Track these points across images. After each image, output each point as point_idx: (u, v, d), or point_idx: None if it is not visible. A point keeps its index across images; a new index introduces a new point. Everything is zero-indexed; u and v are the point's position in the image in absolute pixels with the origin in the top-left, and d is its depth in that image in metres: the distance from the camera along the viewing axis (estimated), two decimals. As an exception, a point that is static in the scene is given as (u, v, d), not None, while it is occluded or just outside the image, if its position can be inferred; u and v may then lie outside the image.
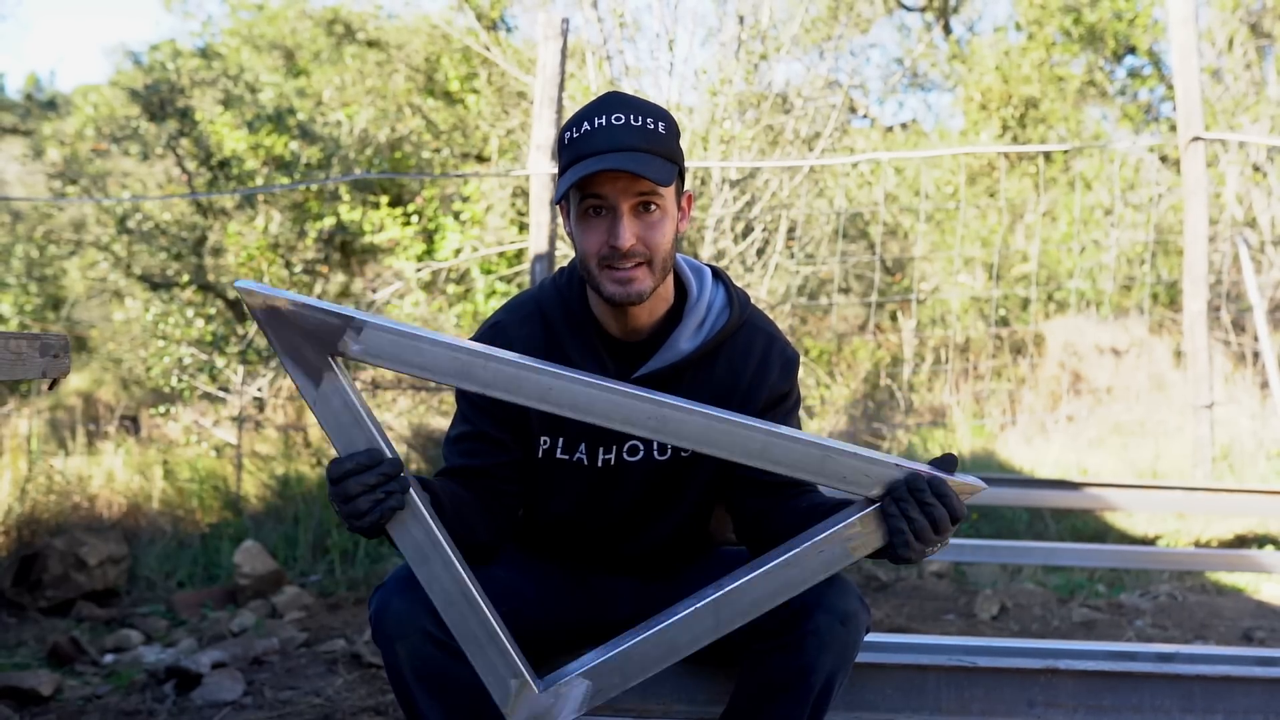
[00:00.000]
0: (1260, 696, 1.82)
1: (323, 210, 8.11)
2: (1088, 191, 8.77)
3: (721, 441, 1.28)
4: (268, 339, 1.23)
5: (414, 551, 1.28)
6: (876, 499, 1.30)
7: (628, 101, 1.49)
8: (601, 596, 1.69)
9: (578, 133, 1.47)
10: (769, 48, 6.55)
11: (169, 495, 5.18)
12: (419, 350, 1.23)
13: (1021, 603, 3.63)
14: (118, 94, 9.87)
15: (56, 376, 1.57)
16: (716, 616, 1.32)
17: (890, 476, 1.29)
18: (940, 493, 1.28)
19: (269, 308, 1.21)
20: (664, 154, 1.47)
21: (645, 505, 1.64)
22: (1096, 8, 10.00)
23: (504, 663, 1.32)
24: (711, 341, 1.58)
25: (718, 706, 1.65)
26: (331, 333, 1.22)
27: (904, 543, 1.29)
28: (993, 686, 1.82)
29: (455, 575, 1.29)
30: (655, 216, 1.48)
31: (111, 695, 2.78)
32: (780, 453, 1.28)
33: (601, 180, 1.45)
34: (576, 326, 1.60)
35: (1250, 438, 5.33)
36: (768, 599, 1.32)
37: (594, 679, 1.34)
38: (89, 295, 10.44)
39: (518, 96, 7.91)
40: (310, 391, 1.23)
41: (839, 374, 7.35)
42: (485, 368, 1.25)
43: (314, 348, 1.22)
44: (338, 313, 1.22)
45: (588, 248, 1.49)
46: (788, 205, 6.62)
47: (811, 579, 1.32)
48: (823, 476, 1.29)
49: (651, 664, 1.34)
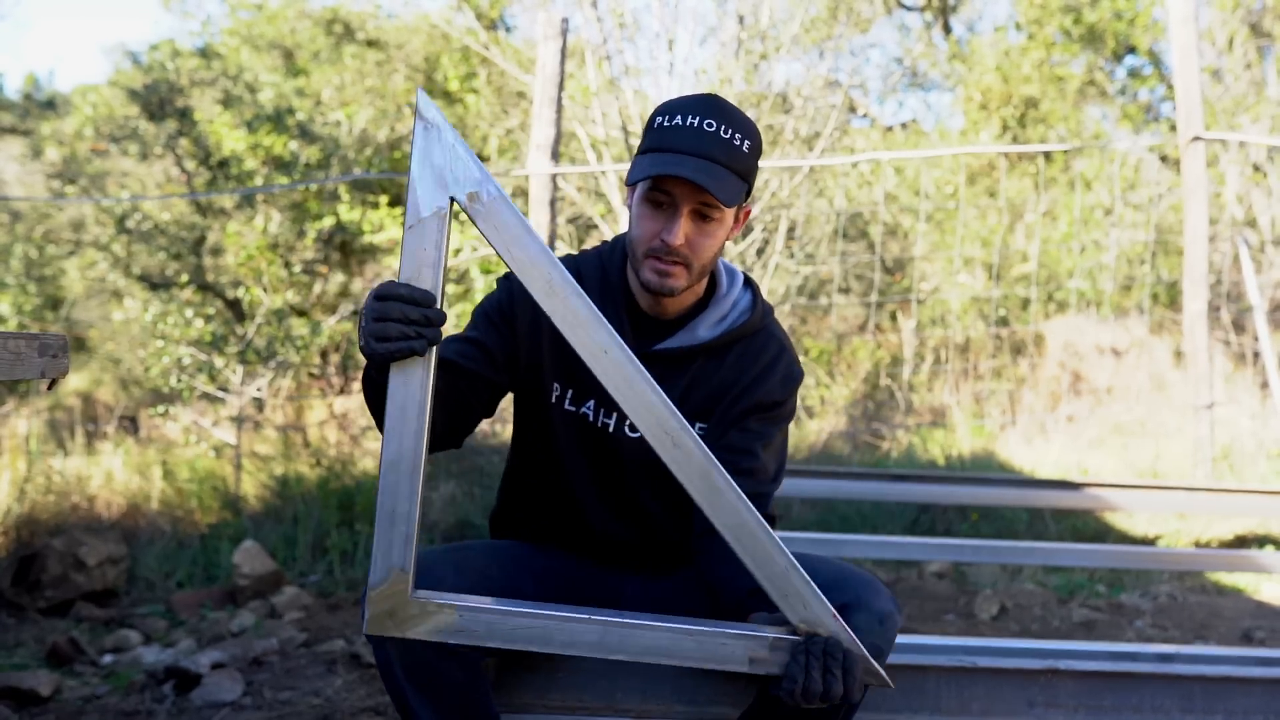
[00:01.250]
0: (1260, 697, 1.82)
1: (322, 210, 8.12)
2: (1088, 191, 8.76)
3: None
4: (411, 150, 1.27)
5: (399, 400, 1.29)
6: (801, 634, 1.31)
7: (725, 111, 1.53)
8: (602, 595, 1.69)
9: (669, 122, 1.52)
10: (769, 47, 6.55)
11: (168, 495, 5.18)
12: (524, 245, 1.26)
13: (1022, 603, 3.63)
14: (117, 94, 9.87)
15: (55, 376, 1.57)
16: (602, 636, 1.31)
17: (821, 624, 1.31)
18: (847, 668, 1.30)
19: (431, 124, 1.25)
20: (740, 172, 1.51)
21: (637, 480, 1.66)
22: (1096, 7, 10.01)
23: (400, 549, 1.31)
24: (729, 335, 1.64)
25: (718, 706, 1.65)
26: (466, 181, 1.26)
27: (789, 691, 1.30)
28: (993, 687, 1.82)
29: (417, 446, 1.29)
30: (711, 226, 1.54)
31: (110, 695, 2.78)
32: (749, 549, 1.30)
33: (677, 180, 1.49)
34: (608, 292, 1.65)
35: (1250, 438, 5.32)
36: (651, 651, 1.32)
37: (464, 617, 1.31)
38: (88, 295, 10.44)
39: (517, 96, 7.92)
40: (415, 214, 1.26)
41: (839, 374, 7.35)
42: (564, 303, 1.27)
43: (442, 182, 1.26)
44: (482, 171, 1.26)
45: (641, 233, 1.55)
46: (788, 205, 6.62)
47: (695, 660, 1.32)
48: (770, 583, 1.30)
49: (519, 638, 1.31)
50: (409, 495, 1.30)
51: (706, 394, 1.64)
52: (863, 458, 5.82)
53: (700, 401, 1.63)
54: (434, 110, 1.26)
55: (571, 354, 1.30)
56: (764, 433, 1.63)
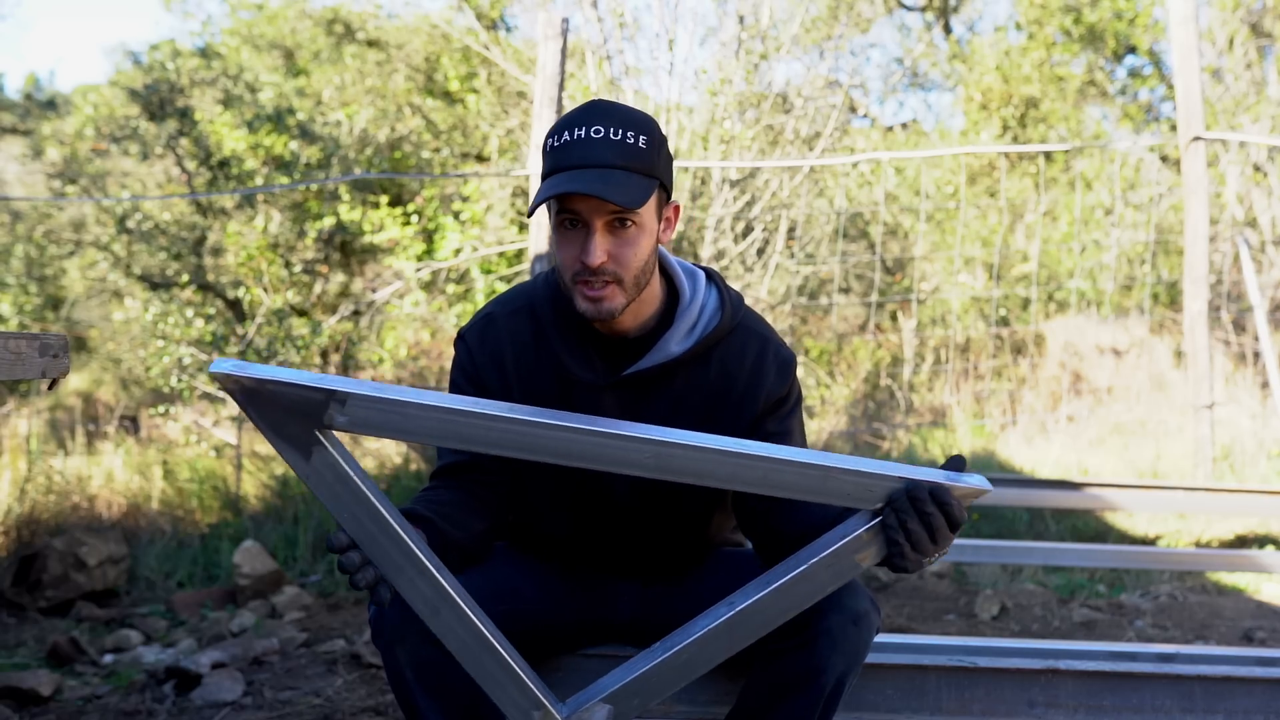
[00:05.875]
0: (1261, 697, 1.82)
1: (322, 210, 8.11)
2: (1088, 191, 8.76)
3: (719, 474, 1.26)
4: (250, 419, 1.19)
5: (425, 606, 1.27)
6: (880, 511, 1.29)
7: (610, 112, 1.46)
8: (602, 598, 1.69)
9: (558, 141, 1.45)
10: (769, 47, 6.54)
11: (169, 495, 5.18)
12: (405, 416, 1.19)
13: (1022, 603, 3.63)
14: (117, 94, 9.87)
15: (56, 376, 1.57)
16: (731, 635, 1.32)
17: (892, 489, 1.27)
18: (941, 500, 1.26)
19: (246, 389, 1.16)
20: (641, 170, 1.44)
21: (644, 507, 1.62)
22: (1097, 7, 10.00)
23: (525, 697, 1.33)
24: (703, 344, 1.57)
25: (718, 706, 1.65)
26: (315, 407, 1.17)
27: (900, 554, 1.27)
28: (993, 687, 1.82)
29: (467, 623, 1.28)
30: (630, 233, 1.46)
31: (111, 695, 2.78)
32: (780, 478, 1.26)
33: (575, 196, 1.43)
34: (566, 323, 1.59)
35: (1251, 438, 5.32)
36: (780, 615, 1.32)
37: (615, 703, 1.34)
38: (88, 295, 10.44)
39: (517, 96, 7.91)
40: (302, 467, 1.20)
41: (839, 374, 7.35)
42: (475, 426, 1.21)
43: (299, 424, 1.17)
44: (319, 386, 1.17)
45: (563, 260, 1.48)
46: (788, 205, 6.62)
47: (822, 592, 1.32)
48: (825, 496, 1.27)
49: (668, 685, 1.35)
50: (497, 660, 1.31)
51: (699, 407, 1.58)
52: (863, 458, 5.81)
53: (693, 416, 1.56)
54: (236, 374, 1.14)
55: (546, 401, 1.27)
56: (783, 430, 1.59)
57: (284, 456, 1.20)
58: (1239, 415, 5.70)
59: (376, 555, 1.24)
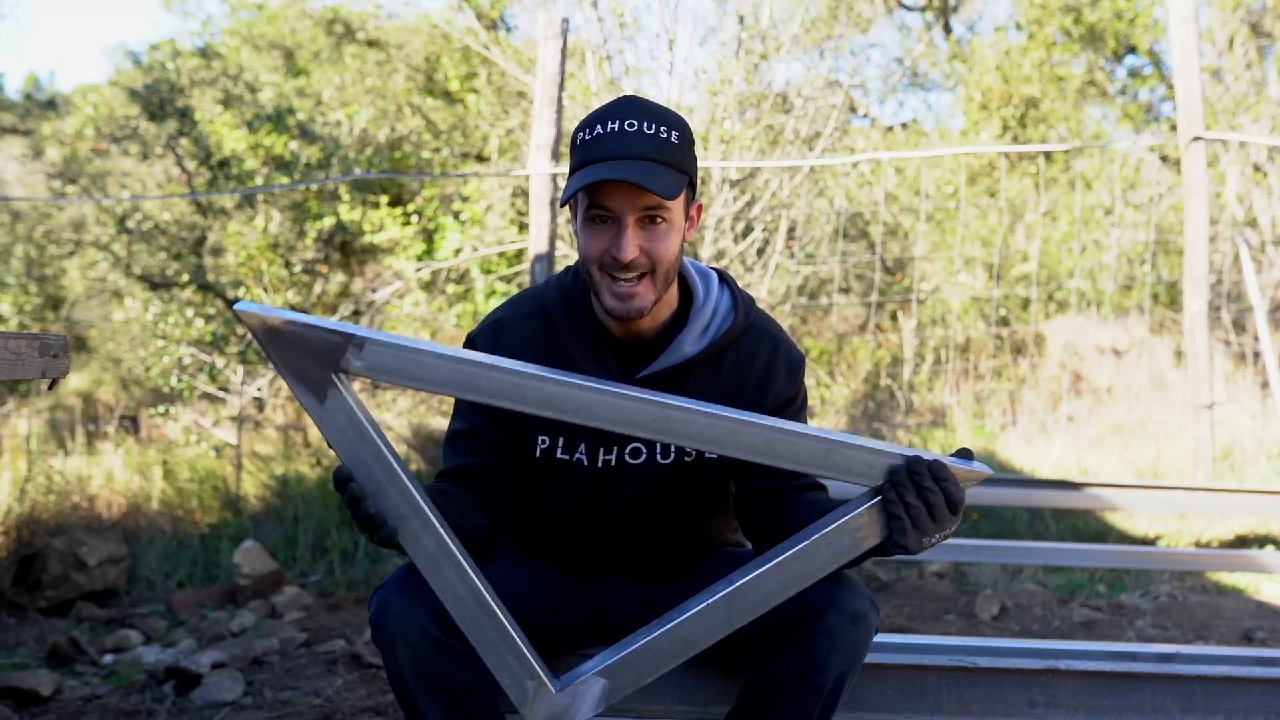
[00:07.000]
0: (1261, 697, 1.82)
1: (322, 210, 8.11)
2: (1088, 191, 8.76)
3: (726, 440, 1.28)
4: (270, 360, 1.23)
5: (426, 560, 1.29)
6: (880, 489, 1.30)
7: (644, 107, 1.47)
8: (603, 597, 1.69)
9: (590, 135, 1.45)
10: (769, 48, 6.54)
11: (169, 495, 5.18)
12: (421, 364, 1.23)
13: (1022, 603, 3.63)
14: (117, 94, 9.87)
15: (56, 376, 1.57)
16: (729, 611, 1.32)
17: (893, 464, 1.29)
18: (940, 478, 1.27)
19: (269, 329, 1.20)
20: (674, 164, 1.45)
21: (646, 508, 1.63)
22: (1097, 7, 10.00)
23: (520, 664, 1.33)
24: (716, 345, 1.57)
25: (718, 706, 1.65)
26: (333, 350, 1.22)
27: (901, 529, 1.28)
28: (993, 687, 1.82)
29: (468, 581, 1.29)
30: (661, 229, 1.47)
31: (111, 695, 2.78)
32: (785, 448, 1.28)
33: (608, 190, 1.43)
34: (579, 326, 1.58)
35: (1251, 438, 5.32)
36: (779, 592, 1.32)
37: (610, 677, 1.35)
38: (88, 295, 10.43)
39: (518, 96, 7.91)
40: (316, 409, 1.24)
41: (839, 374, 7.35)
42: (488, 378, 1.24)
43: (317, 366, 1.22)
44: (339, 330, 1.22)
45: (590, 252, 1.48)
46: (788, 205, 6.62)
47: (821, 571, 1.32)
48: (829, 470, 1.29)
49: (665, 661, 1.35)
50: (494, 624, 1.31)
51: None
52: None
53: None
54: (259, 313, 1.20)
55: None
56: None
57: (300, 399, 1.24)
58: (1239, 415, 5.70)
59: (383, 504, 1.26)
